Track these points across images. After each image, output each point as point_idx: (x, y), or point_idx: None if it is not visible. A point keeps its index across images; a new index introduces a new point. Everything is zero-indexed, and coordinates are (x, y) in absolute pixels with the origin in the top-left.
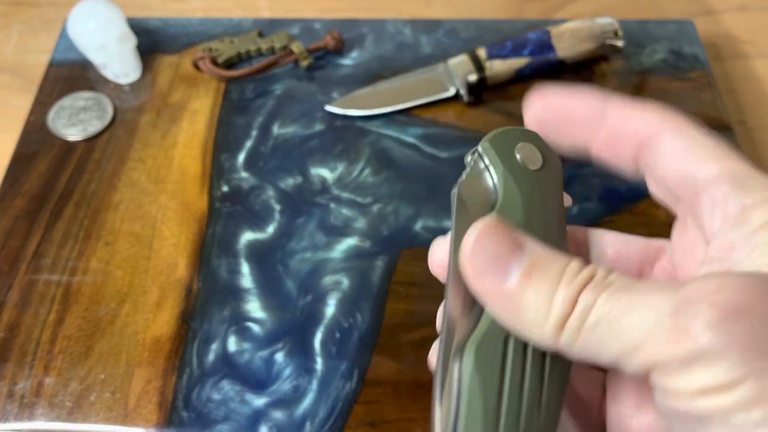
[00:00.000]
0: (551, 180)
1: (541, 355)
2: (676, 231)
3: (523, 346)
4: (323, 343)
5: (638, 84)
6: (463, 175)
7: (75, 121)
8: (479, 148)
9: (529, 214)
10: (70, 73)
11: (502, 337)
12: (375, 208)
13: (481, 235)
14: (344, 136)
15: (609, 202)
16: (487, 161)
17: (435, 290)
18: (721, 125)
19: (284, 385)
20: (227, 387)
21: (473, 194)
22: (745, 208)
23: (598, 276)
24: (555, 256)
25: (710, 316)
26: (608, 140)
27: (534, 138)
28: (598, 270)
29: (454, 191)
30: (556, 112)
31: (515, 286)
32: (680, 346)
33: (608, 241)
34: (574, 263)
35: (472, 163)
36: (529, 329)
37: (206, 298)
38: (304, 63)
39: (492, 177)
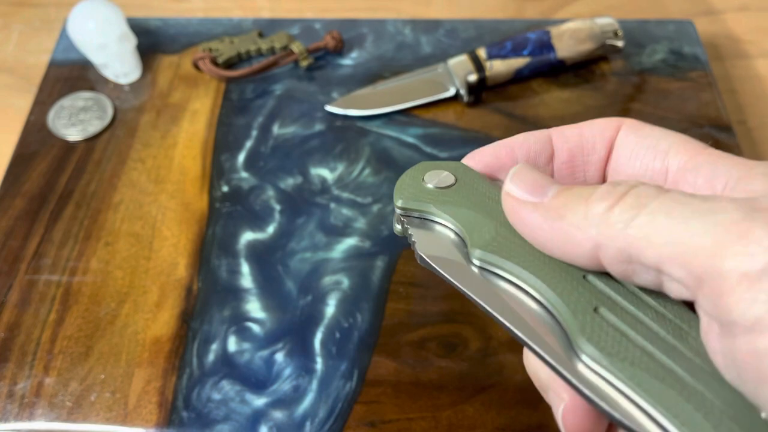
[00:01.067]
0: (474, 177)
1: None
2: None
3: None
4: (323, 343)
5: (638, 84)
6: (414, 242)
7: (75, 121)
8: (398, 212)
9: (491, 213)
10: (70, 73)
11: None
12: (375, 208)
13: (517, 172)
14: (344, 136)
15: None
16: (416, 215)
17: (435, 290)
18: (721, 125)
19: (284, 385)
20: (227, 387)
21: (437, 246)
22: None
23: (640, 186)
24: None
25: None
26: (565, 162)
27: (425, 166)
28: (636, 182)
29: (421, 256)
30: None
31: (555, 195)
32: (745, 257)
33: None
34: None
35: (408, 227)
36: (572, 229)
37: (206, 298)
38: (304, 63)
39: (433, 221)
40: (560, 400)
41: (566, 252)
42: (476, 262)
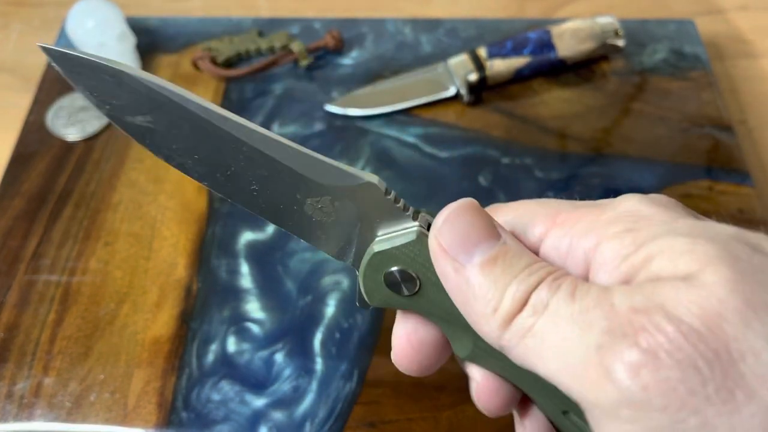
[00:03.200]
0: (434, 277)
1: None
2: None
3: None
4: (323, 343)
5: (639, 84)
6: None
7: (74, 120)
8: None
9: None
10: None
11: None
12: None
13: (452, 214)
14: (344, 136)
15: None
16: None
17: None
18: (721, 125)
19: (284, 386)
20: (227, 387)
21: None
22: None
23: (552, 276)
24: (525, 253)
25: (632, 358)
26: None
27: (380, 261)
28: (556, 271)
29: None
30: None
31: (474, 271)
32: (603, 390)
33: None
34: (541, 263)
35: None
36: (478, 320)
37: (206, 299)
38: (304, 63)
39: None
40: (473, 380)
41: (472, 324)
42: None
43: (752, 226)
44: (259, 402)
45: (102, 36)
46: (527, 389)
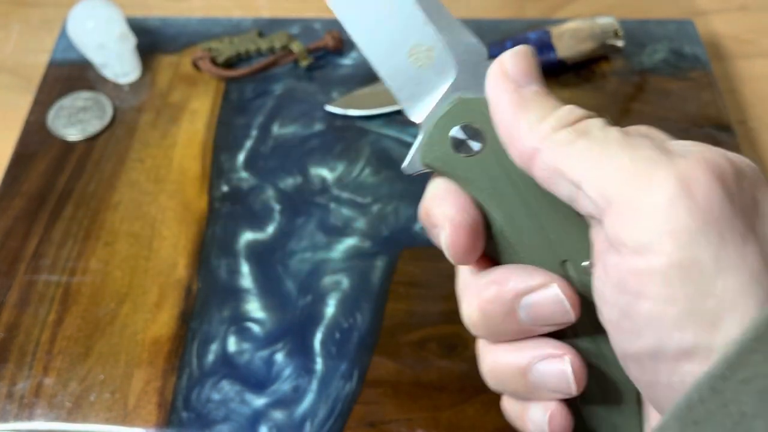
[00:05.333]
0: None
1: None
2: None
3: None
4: (323, 343)
5: (638, 84)
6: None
7: (74, 121)
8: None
9: (506, 199)
10: (70, 73)
11: None
12: (375, 208)
13: (519, 51)
14: (344, 136)
15: None
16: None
17: (435, 290)
18: (721, 125)
19: (284, 386)
20: (227, 387)
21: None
22: None
23: (603, 120)
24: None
25: (687, 169)
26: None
27: (458, 112)
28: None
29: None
30: None
31: (530, 91)
32: (647, 192)
33: None
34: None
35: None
36: (520, 130)
37: (206, 299)
38: (304, 63)
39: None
40: (442, 230)
41: (510, 138)
42: None
43: None
44: (259, 402)
45: (102, 36)
46: (527, 238)
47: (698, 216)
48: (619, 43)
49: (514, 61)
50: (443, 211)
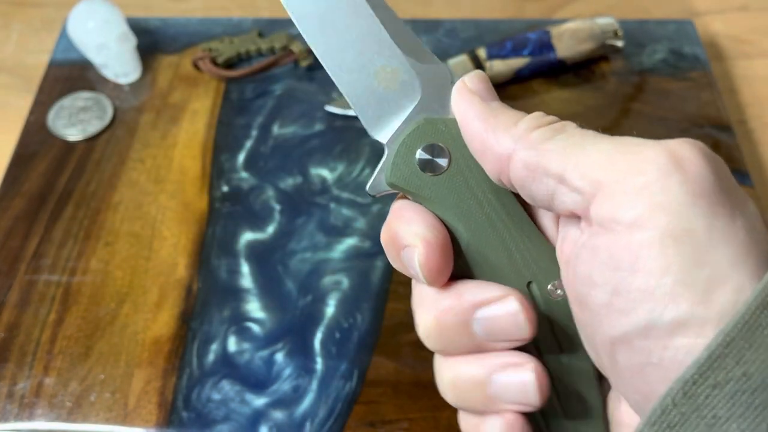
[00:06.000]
0: (469, 159)
1: None
2: None
3: None
4: (323, 343)
5: (638, 84)
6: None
7: (75, 121)
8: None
9: (471, 218)
10: (70, 73)
11: None
12: (375, 208)
13: (480, 75)
14: (344, 136)
15: None
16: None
17: None
18: (721, 125)
19: (284, 385)
20: (227, 387)
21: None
22: None
23: (567, 122)
24: None
25: (676, 147)
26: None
27: (423, 132)
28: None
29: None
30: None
31: (498, 104)
32: (638, 171)
33: None
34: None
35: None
36: (495, 135)
37: (206, 299)
38: (304, 63)
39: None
40: (414, 249)
41: (483, 145)
42: None
43: None
44: (259, 402)
45: (103, 36)
46: (492, 258)
47: (691, 189)
48: (619, 44)
49: (475, 81)
50: (413, 230)
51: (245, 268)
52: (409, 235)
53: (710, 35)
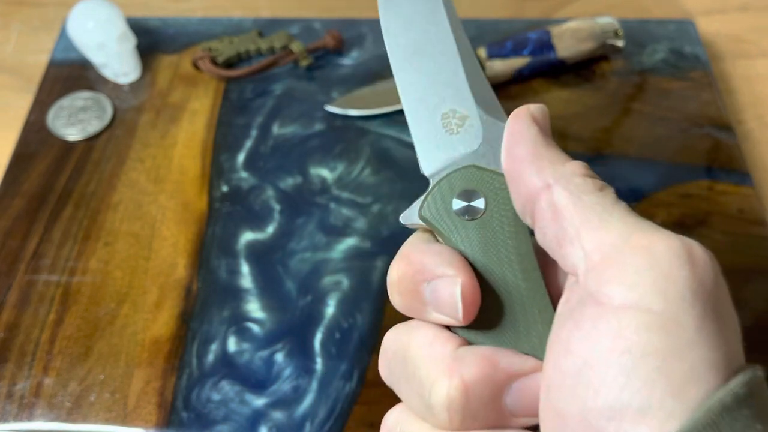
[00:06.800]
0: (505, 207)
1: None
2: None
3: None
4: (323, 343)
5: (638, 84)
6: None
7: (74, 120)
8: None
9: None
10: (70, 73)
11: None
12: (375, 208)
13: (544, 110)
14: (344, 136)
15: None
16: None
17: None
18: (721, 125)
19: (284, 386)
20: (227, 387)
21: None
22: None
23: (608, 187)
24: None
25: (672, 242)
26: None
27: (466, 176)
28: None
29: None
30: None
31: (551, 140)
32: (644, 249)
33: None
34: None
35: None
36: (546, 163)
37: (206, 299)
38: (304, 63)
39: None
40: (451, 279)
41: (523, 169)
42: None
43: (752, 226)
44: (259, 402)
45: (102, 36)
46: (494, 312)
47: (694, 287)
48: (619, 43)
49: (538, 111)
50: (446, 260)
51: (245, 268)
52: (443, 265)
53: (710, 35)
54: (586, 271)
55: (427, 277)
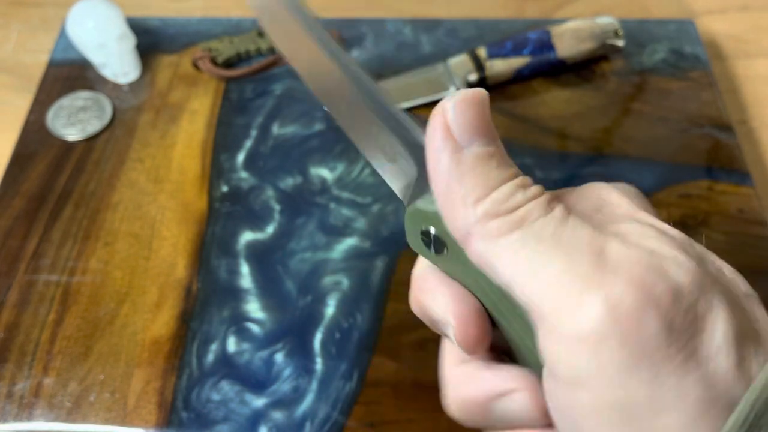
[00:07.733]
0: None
1: None
2: None
3: None
4: (323, 343)
5: (639, 84)
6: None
7: (74, 120)
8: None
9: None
10: (69, 73)
11: None
12: (375, 208)
13: (466, 99)
14: (344, 136)
15: None
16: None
17: None
18: (721, 125)
19: (284, 386)
20: (227, 387)
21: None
22: None
23: (546, 198)
24: (512, 163)
25: (617, 293)
26: None
27: (416, 217)
28: (550, 195)
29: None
30: None
31: (470, 156)
32: (573, 314)
33: None
34: (537, 185)
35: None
36: (455, 204)
37: (206, 299)
38: None
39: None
40: (447, 326)
41: (445, 212)
42: None
43: (752, 226)
44: (259, 402)
45: (102, 36)
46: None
47: (629, 350)
48: (619, 43)
49: (459, 110)
50: (442, 304)
51: (245, 268)
52: (438, 310)
53: (711, 35)
54: (535, 321)
55: (432, 320)
